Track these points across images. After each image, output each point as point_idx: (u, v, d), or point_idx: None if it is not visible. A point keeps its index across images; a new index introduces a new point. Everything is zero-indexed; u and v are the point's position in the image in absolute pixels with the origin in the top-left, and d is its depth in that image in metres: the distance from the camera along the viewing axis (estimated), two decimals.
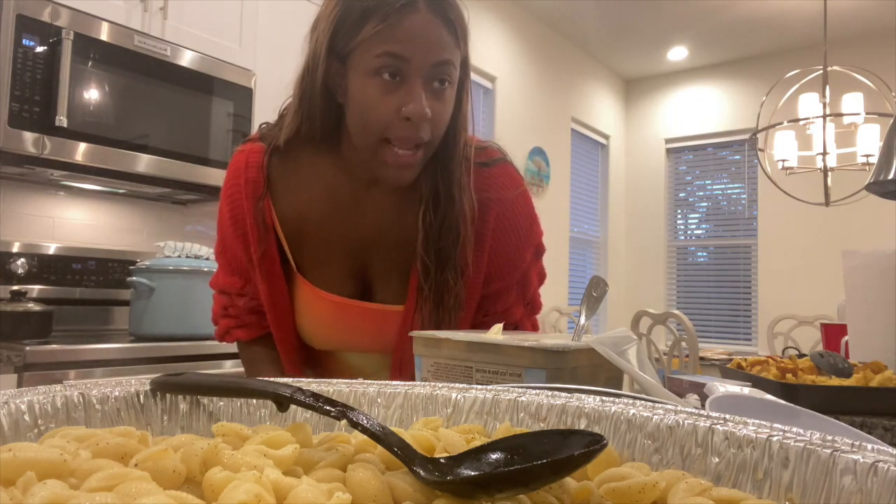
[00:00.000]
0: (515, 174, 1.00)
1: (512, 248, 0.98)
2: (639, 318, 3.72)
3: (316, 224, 0.96)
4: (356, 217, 0.96)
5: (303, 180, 0.96)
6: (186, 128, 2.38)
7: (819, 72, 3.47)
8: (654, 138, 5.96)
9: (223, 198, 1.00)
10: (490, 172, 0.97)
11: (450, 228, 0.91)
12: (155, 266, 2.14)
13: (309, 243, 0.97)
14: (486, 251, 0.96)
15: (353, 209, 0.96)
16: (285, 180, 0.96)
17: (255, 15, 2.66)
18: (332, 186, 0.95)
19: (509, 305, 1.01)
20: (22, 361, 1.74)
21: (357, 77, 0.84)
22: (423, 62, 0.82)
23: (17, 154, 1.96)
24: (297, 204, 0.96)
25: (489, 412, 0.43)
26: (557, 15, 4.88)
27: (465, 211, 0.92)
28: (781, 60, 5.09)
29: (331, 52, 0.85)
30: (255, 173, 0.95)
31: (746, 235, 5.49)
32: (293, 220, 0.96)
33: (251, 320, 1.08)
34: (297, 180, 0.96)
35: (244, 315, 1.08)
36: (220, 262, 1.06)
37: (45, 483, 0.26)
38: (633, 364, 0.67)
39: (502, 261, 0.98)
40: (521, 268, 1.00)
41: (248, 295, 1.05)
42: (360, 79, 0.83)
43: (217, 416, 0.43)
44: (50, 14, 2.02)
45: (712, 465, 0.34)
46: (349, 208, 0.96)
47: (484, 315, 1.01)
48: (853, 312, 1.39)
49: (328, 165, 0.95)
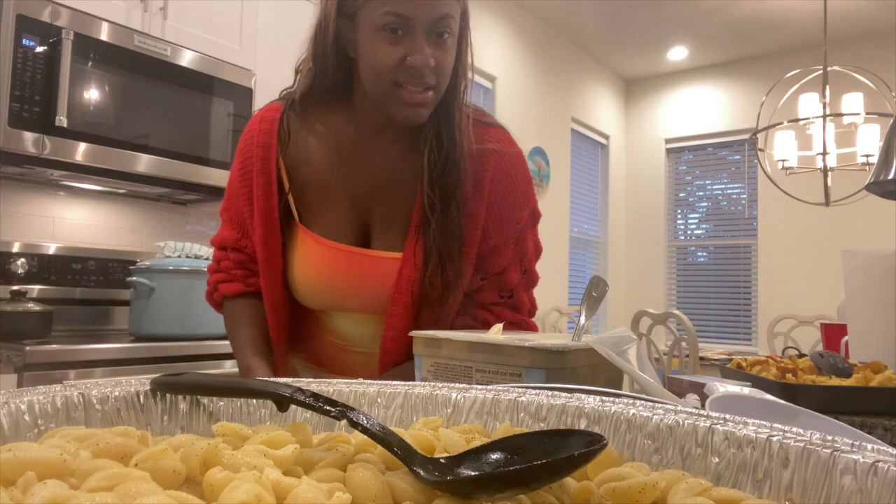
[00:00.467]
0: (512, 138, 1.05)
1: (509, 201, 1.02)
2: (639, 318, 3.72)
3: (320, 172, 1.01)
4: (359, 166, 1.01)
5: (312, 133, 1.02)
6: (186, 128, 2.38)
7: (819, 72, 3.47)
8: (654, 138, 5.96)
9: (237, 153, 1.07)
10: (489, 129, 1.03)
11: (454, 166, 0.97)
12: (155, 266, 2.14)
13: (312, 191, 1.02)
14: (485, 200, 1.00)
15: (356, 158, 1.01)
16: (297, 134, 1.02)
17: (255, 15, 2.66)
18: (338, 137, 1.02)
19: (506, 266, 1.03)
20: (22, 361, 1.74)
21: (365, 32, 0.91)
22: (424, 18, 0.89)
23: (17, 154, 1.96)
24: (305, 154, 1.02)
25: (489, 412, 0.43)
26: (557, 15, 4.88)
27: (466, 152, 0.98)
28: (781, 60, 5.10)
29: (340, 11, 0.93)
30: (268, 126, 1.02)
31: (746, 235, 5.49)
32: (299, 170, 1.02)
33: (238, 274, 1.09)
34: (308, 134, 1.02)
35: (233, 268, 1.09)
36: (224, 219, 1.11)
37: (45, 483, 0.26)
38: (633, 364, 0.67)
39: (499, 213, 1.01)
40: (518, 227, 1.03)
41: (241, 249, 1.08)
42: (368, 34, 0.90)
43: (217, 416, 0.43)
44: (50, 14, 2.02)
45: (712, 465, 0.34)
46: (353, 157, 1.01)
47: (482, 279, 1.03)
48: (853, 312, 1.39)
49: (338, 119, 1.02)
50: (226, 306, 1.11)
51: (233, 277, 1.10)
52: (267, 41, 2.70)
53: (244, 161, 1.05)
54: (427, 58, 0.89)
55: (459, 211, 0.97)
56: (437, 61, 0.90)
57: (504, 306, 1.04)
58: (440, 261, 0.96)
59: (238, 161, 1.07)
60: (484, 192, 1.00)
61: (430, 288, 0.97)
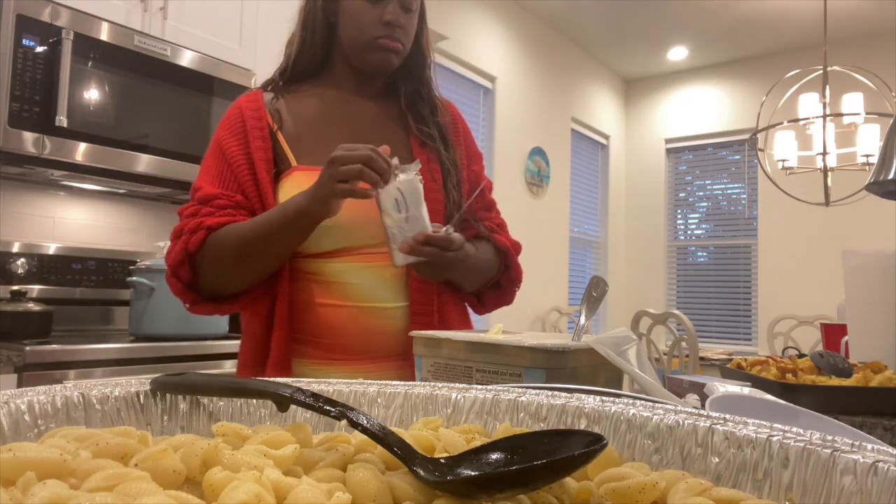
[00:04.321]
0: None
1: (473, 142, 1.31)
2: (639, 318, 3.72)
3: (312, 123, 1.15)
4: (347, 116, 1.18)
5: (298, 97, 1.18)
6: (186, 128, 2.38)
7: (819, 72, 3.47)
8: (654, 138, 5.96)
9: (219, 125, 1.15)
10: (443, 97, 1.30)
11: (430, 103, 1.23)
12: (155, 266, 2.14)
13: (306, 139, 1.13)
14: (461, 134, 1.26)
15: (343, 110, 1.18)
16: (284, 104, 1.17)
17: (255, 15, 2.66)
18: (323, 96, 1.19)
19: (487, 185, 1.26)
20: (22, 361, 1.74)
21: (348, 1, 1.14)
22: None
23: (17, 154, 1.96)
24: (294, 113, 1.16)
25: (489, 412, 0.43)
26: (557, 15, 4.88)
27: (436, 100, 1.24)
28: (781, 60, 5.10)
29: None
30: (254, 95, 1.17)
31: (746, 235, 5.49)
32: (291, 129, 1.14)
33: (226, 212, 1.06)
34: (294, 98, 1.18)
35: (216, 211, 1.06)
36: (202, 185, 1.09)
37: (45, 483, 0.26)
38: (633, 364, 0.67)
39: (472, 147, 1.28)
40: (481, 165, 1.30)
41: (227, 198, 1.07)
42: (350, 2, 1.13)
43: (217, 416, 0.43)
44: (50, 14, 2.02)
45: (712, 465, 0.34)
46: (339, 110, 1.18)
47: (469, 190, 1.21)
48: (853, 312, 1.39)
49: (320, 84, 1.20)
50: (211, 239, 1.04)
51: (220, 214, 1.06)
52: (267, 41, 2.70)
53: (233, 123, 1.13)
54: (398, 16, 1.12)
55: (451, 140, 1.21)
56: (405, 23, 1.14)
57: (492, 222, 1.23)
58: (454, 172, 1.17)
59: (224, 125, 1.14)
60: (460, 128, 1.27)
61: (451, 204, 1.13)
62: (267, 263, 1.06)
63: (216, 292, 1.10)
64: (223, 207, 1.06)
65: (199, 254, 1.04)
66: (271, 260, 1.05)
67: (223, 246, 1.03)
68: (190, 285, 1.07)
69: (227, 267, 1.05)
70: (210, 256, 1.04)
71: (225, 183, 1.08)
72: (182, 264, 1.04)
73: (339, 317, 1.08)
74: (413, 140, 1.19)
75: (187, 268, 1.05)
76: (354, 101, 1.19)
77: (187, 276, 1.06)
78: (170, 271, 1.06)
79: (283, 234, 1.02)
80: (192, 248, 1.03)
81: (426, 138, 1.19)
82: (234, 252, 1.03)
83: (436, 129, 1.20)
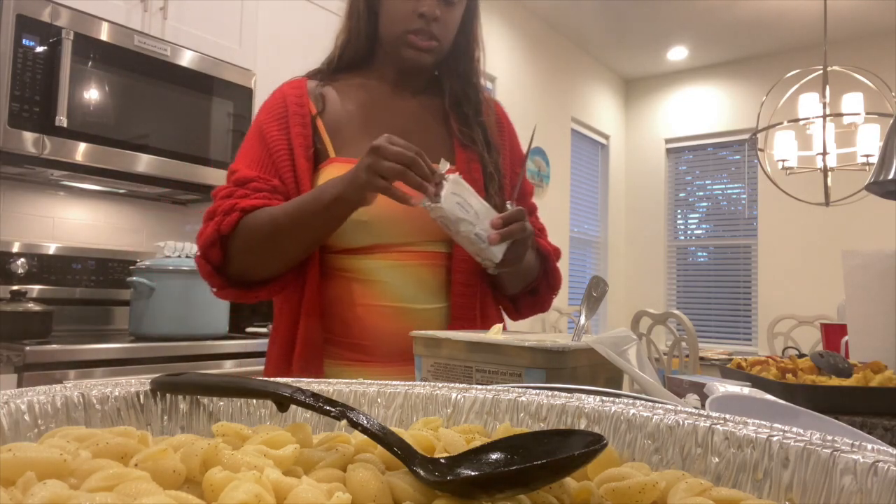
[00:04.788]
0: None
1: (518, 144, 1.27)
2: (639, 318, 3.72)
3: (353, 117, 1.13)
4: (388, 109, 1.16)
5: (341, 88, 1.16)
6: (186, 128, 2.38)
7: (819, 72, 3.47)
8: (654, 138, 5.96)
9: (262, 108, 1.14)
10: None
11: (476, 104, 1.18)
12: (155, 266, 2.14)
13: (346, 133, 1.12)
14: (506, 135, 1.23)
15: (384, 103, 1.16)
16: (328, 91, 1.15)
17: (255, 15, 2.66)
18: (366, 88, 1.17)
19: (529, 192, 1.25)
20: (22, 361, 1.74)
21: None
22: None
23: (17, 154, 1.96)
24: (336, 102, 1.14)
25: (489, 412, 0.43)
26: (557, 15, 4.88)
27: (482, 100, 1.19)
28: (781, 60, 5.10)
29: None
30: (297, 90, 1.14)
31: (746, 235, 5.49)
32: (332, 117, 1.13)
33: (261, 195, 1.04)
34: (337, 88, 1.16)
35: (251, 194, 1.04)
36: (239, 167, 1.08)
37: (45, 483, 0.26)
38: (633, 364, 0.67)
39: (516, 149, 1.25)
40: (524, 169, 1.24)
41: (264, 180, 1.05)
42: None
43: (217, 416, 0.43)
44: (50, 14, 2.02)
45: (712, 465, 0.34)
46: (381, 102, 1.16)
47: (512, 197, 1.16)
48: (853, 312, 1.39)
49: (366, 77, 1.18)
50: (244, 221, 1.02)
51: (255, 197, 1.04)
52: (267, 41, 2.70)
53: (275, 107, 1.12)
54: (434, 9, 1.06)
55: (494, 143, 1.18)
56: (442, 16, 1.08)
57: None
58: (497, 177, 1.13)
59: (266, 109, 1.13)
60: (505, 130, 1.23)
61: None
62: (298, 249, 1.03)
63: (244, 277, 1.06)
64: (259, 190, 1.04)
65: (231, 236, 1.02)
66: (302, 245, 1.02)
67: (255, 228, 1.01)
68: (219, 268, 1.04)
69: (257, 250, 1.02)
70: (241, 239, 1.02)
71: (262, 166, 1.07)
72: (213, 246, 1.01)
73: (371, 316, 1.05)
74: (455, 140, 1.16)
75: (218, 250, 1.02)
76: (397, 96, 1.17)
77: (217, 258, 1.03)
78: (200, 253, 1.04)
79: (316, 219, 0.99)
80: (225, 229, 1.01)
81: (468, 141, 1.15)
82: (266, 235, 1.00)
83: (479, 131, 1.16)
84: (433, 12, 1.07)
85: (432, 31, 1.08)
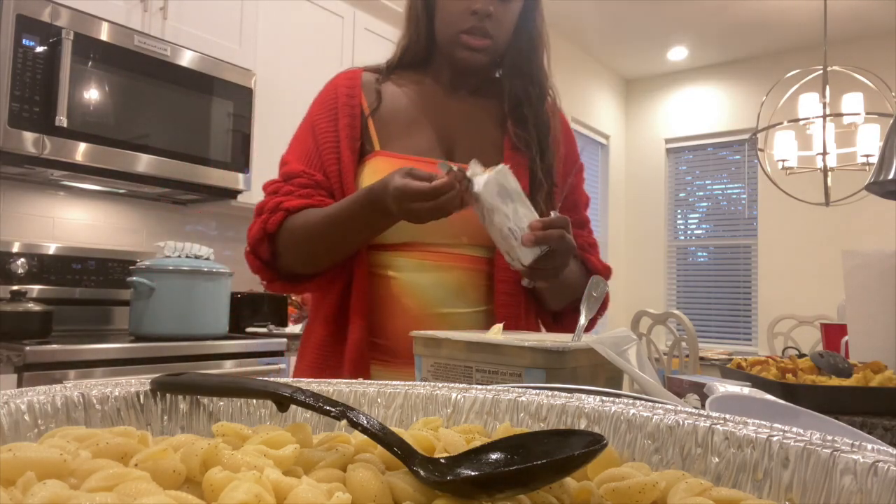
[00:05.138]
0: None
1: (574, 151, 1.23)
2: (639, 318, 3.72)
3: (404, 113, 1.12)
4: (441, 109, 1.14)
5: (396, 84, 1.15)
6: (186, 128, 2.38)
7: (819, 72, 3.46)
8: (654, 138, 5.96)
9: (316, 99, 1.15)
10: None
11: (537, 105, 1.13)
12: (155, 266, 2.14)
13: (395, 128, 1.10)
14: (563, 142, 1.18)
15: (437, 103, 1.14)
16: (384, 88, 1.14)
17: (255, 15, 2.66)
18: (420, 87, 1.16)
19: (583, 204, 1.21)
20: (22, 361, 1.74)
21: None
22: None
23: (17, 154, 1.96)
24: (390, 99, 1.13)
25: (489, 412, 0.43)
26: (557, 15, 4.88)
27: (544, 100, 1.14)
28: (781, 60, 5.09)
29: None
30: (350, 81, 1.13)
31: (746, 235, 5.49)
32: (384, 110, 1.11)
33: (304, 193, 1.05)
34: (391, 84, 1.15)
35: (296, 191, 1.06)
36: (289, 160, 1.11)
37: (45, 483, 0.26)
38: (633, 364, 0.67)
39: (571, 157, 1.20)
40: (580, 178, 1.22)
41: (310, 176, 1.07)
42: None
43: (217, 416, 0.43)
44: (50, 14, 2.02)
45: (712, 465, 0.34)
46: (434, 102, 1.14)
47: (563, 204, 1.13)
48: (853, 312, 1.39)
49: (422, 75, 1.17)
50: (288, 222, 1.04)
51: (299, 195, 1.05)
52: (267, 41, 2.70)
53: (326, 99, 1.12)
54: (487, 4, 1.04)
55: (550, 149, 1.13)
56: (496, 13, 1.05)
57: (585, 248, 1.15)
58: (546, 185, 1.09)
59: (319, 101, 1.14)
60: (561, 136, 1.18)
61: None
62: (341, 253, 1.04)
63: (292, 271, 1.09)
64: (304, 187, 1.06)
65: (277, 234, 1.05)
66: (343, 251, 1.04)
67: (297, 232, 1.03)
68: (268, 263, 1.07)
69: (300, 251, 1.05)
70: (286, 239, 1.05)
71: (309, 160, 1.08)
72: (261, 242, 1.05)
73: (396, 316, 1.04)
74: (507, 143, 1.12)
75: (266, 246, 1.05)
76: (450, 95, 1.15)
77: (266, 254, 1.06)
78: (249, 248, 1.07)
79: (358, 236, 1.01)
80: (271, 228, 1.04)
81: (522, 145, 1.11)
82: (309, 242, 1.03)
83: (535, 134, 1.12)
84: (486, 8, 1.04)
85: (486, 28, 1.06)
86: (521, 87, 1.13)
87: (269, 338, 2.38)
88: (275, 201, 1.05)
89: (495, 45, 1.08)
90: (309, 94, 1.19)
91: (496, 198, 0.89)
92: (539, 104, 1.13)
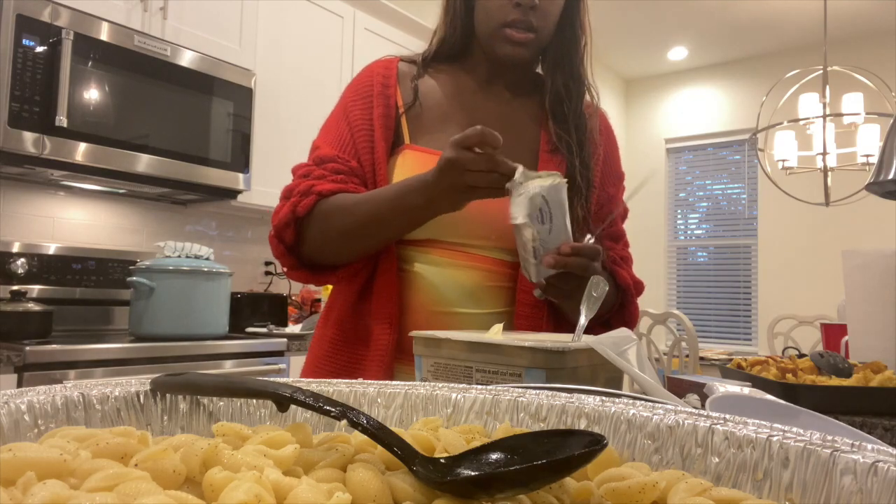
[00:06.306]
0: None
1: (615, 155, 1.18)
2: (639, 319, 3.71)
3: (437, 106, 1.09)
4: (477, 104, 1.10)
5: (432, 77, 1.12)
6: (186, 128, 2.38)
7: (819, 72, 3.46)
8: (654, 138, 5.96)
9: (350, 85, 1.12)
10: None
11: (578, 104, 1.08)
12: (155, 266, 2.14)
13: (426, 122, 1.07)
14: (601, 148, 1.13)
15: (473, 98, 1.10)
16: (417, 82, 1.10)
17: (255, 15, 2.66)
18: (457, 81, 1.12)
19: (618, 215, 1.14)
20: (22, 361, 1.74)
21: None
22: None
23: (17, 154, 1.96)
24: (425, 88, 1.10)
25: (489, 412, 0.43)
26: None
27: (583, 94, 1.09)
28: (781, 60, 5.09)
29: None
30: (386, 70, 1.10)
31: (746, 235, 5.49)
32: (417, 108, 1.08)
33: (337, 178, 1.02)
34: (427, 76, 1.12)
35: (329, 175, 1.02)
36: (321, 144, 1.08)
37: (45, 483, 0.26)
38: (633, 364, 0.67)
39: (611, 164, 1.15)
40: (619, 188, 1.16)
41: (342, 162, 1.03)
42: None
43: (217, 416, 0.43)
44: (50, 14, 2.02)
45: (712, 465, 0.34)
46: (470, 97, 1.10)
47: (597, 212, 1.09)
48: (853, 312, 1.39)
49: (458, 68, 1.12)
50: (319, 206, 0.99)
51: (332, 179, 1.01)
52: (267, 41, 2.70)
53: (361, 86, 1.09)
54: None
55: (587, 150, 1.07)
56: (542, 4, 1.00)
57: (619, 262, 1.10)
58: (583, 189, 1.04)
59: (353, 87, 1.10)
60: (603, 141, 1.13)
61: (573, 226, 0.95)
62: (372, 245, 1.00)
63: (316, 260, 1.04)
64: (337, 172, 1.02)
65: (307, 219, 1.00)
66: (375, 242, 1.00)
67: (331, 218, 0.99)
68: (291, 248, 1.02)
69: (330, 239, 1.00)
70: (316, 225, 1.00)
71: (343, 146, 1.05)
72: (288, 226, 1.00)
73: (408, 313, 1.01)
74: (543, 143, 1.07)
75: (293, 231, 1.00)
76: (484, 91, 1.11)
77: (291, 238, 1.01)
78: (273, 231, 1.02)
79: (392, 223, 0.96)
80: (301, 211, 0.99)
81: (562, 145, 1.06)
82: (341, 228, 0.98)
83: (576, 136, 1.07)
84: (531, 0, 0.99)
85: (530, 21, 1.00)
86: (562, 80, 1.08)
87: (269, 338, 2.38)
88: (307, 184, 1.00)
89: (539, 38, 1.03)
90: (309, 94, 1.18)
91: (533, 213, 0.86)
92: (578, 101, 1.09)
